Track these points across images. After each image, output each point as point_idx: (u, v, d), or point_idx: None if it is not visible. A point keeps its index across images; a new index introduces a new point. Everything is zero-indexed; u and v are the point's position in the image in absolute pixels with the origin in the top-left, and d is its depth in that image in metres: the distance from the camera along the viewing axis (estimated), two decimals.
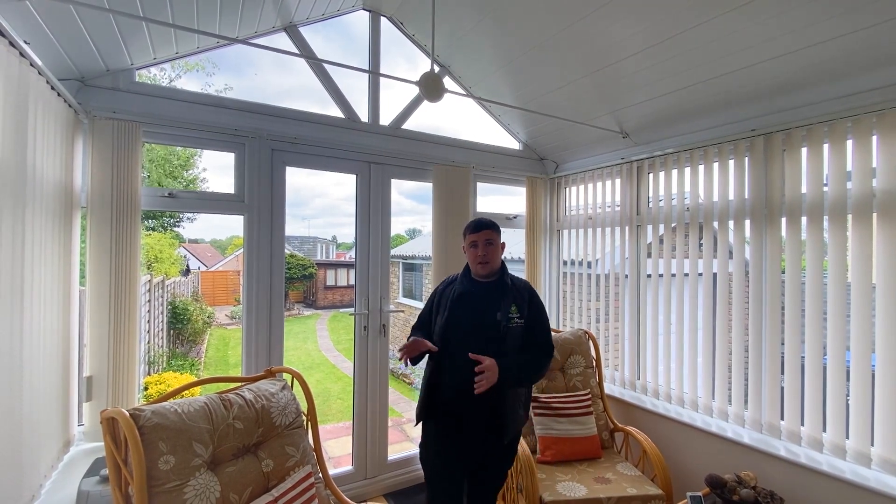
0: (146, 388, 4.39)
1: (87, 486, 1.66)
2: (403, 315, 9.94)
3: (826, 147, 2.00)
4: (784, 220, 2.15)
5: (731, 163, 2.36)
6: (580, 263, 3.32)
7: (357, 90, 2.81)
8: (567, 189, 3.48)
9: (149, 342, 5.72)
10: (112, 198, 1.99)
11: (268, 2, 2.22)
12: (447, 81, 2.90)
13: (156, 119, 2.18)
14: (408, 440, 4.81)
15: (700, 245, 2.53)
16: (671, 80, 2.24)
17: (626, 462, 2.41)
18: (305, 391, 1.84)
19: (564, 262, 3.48)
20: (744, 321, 2.32)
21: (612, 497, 2.05)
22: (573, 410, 2.50)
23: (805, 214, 2.07)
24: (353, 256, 2.87)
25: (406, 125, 2.96)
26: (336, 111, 2.75)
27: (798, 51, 1.82)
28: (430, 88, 2.02)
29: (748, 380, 2.27)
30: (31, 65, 1.51)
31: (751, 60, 1.95)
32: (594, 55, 2.27)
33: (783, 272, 2.18)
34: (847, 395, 1.93)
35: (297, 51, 2.54)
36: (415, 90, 2.69)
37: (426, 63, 3.16)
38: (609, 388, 2.95)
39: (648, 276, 2.91)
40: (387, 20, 2.82)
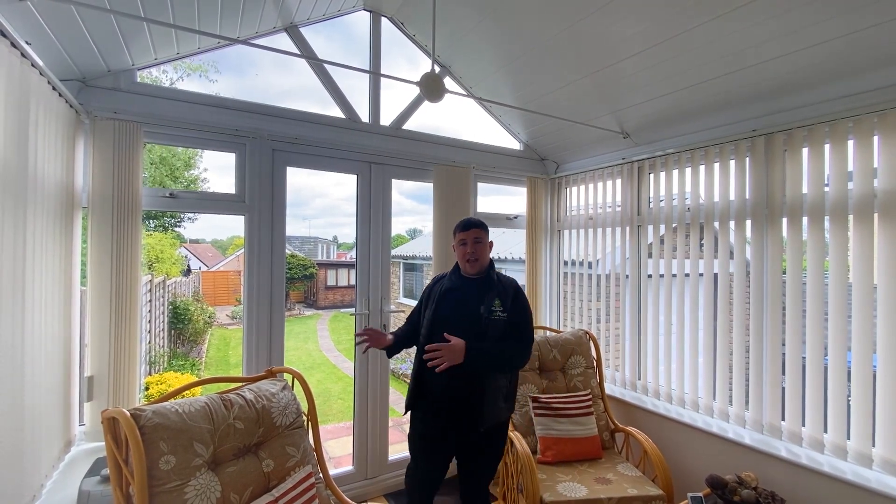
0: (147, 388, 4.39)
1: (88, 486, 1.67)
2: (404, 315, 9.90)
3: (827, 147, 1.99)
4: (785, 221, 2.15)
5: (732, 163, 2.36)
6: (581, 264, 3.32)
7: (358, 90, 2.81)
8: (568, 189, 3.48)
9: (150, 342, 5.72)
10: (113, 198, 1.99)
11: (269, 2, 2.22)
12: (448, 82, 2.89)
13: (157, 119, 2.18)
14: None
15: (701, 245, 2.53)
16: (672, 81, 2.24)
17: (627, 462, 2.41)
18: (306, 391, 1.85)
19: (565, 263, 3.48)
20: (745, 321, 2.32)
21: (613, 497, 2.05)
22: (574, 411, 2.50)
23: (806, 215, 2.07)
24: (354, 256, 2.87)
25: (407, 125, 2.96)
26: (337, 111, 2.75)
27: (799, 51, 1.82)
28: (431, 89, 2.02)
29: (749, 380, 2.27)
30: (33, 65, 1.52)
31: (751, 61, 1.95)
32: (595, 55, 2.27)
33: (784, 272, 2.17)
34: (848, 396, 1.93)
35: (298, 51, 2.54)
36: (415, 90, 2.70)
37: (427, 63, 3.17)
38: (610, 389, 2.95)
39: (649, 277, 2.91)
40: (388, 21, 2.82)
